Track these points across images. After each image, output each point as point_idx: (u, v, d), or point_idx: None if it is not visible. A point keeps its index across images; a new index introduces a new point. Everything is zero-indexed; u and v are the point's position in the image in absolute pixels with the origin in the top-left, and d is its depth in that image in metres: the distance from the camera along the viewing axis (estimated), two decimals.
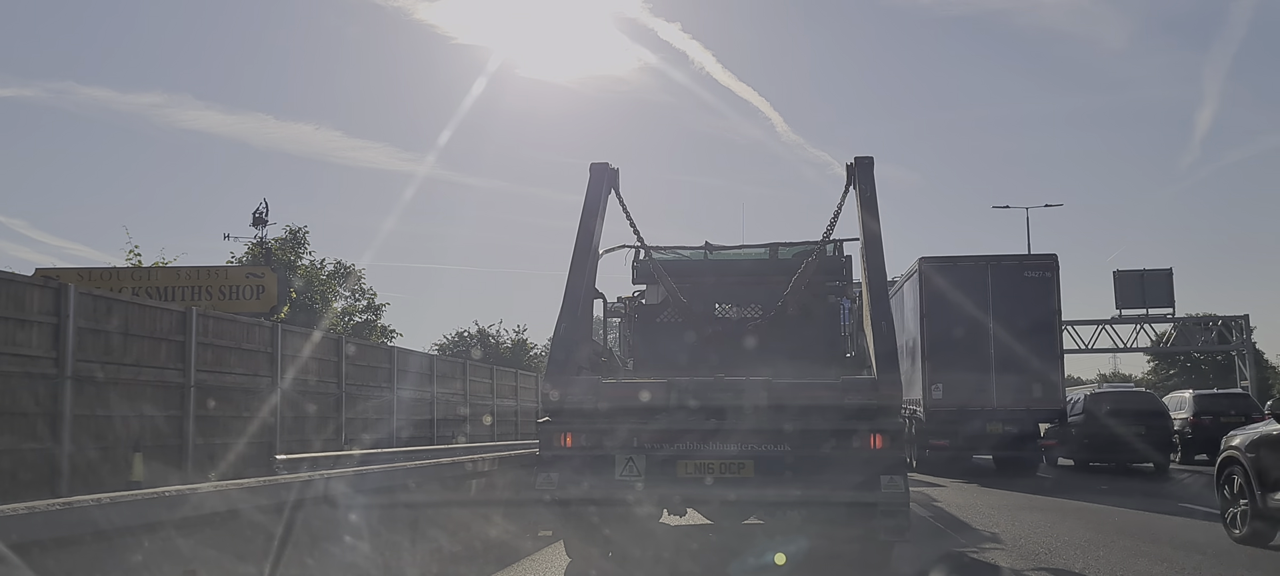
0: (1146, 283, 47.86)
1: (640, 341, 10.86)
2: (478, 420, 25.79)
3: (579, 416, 7.71)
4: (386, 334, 35.89)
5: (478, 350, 42.90)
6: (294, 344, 17.02)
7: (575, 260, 9.02)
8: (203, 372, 14.21)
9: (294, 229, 30.99)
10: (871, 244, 8.95)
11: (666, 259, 11.17)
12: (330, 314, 31.20)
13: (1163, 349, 57.42)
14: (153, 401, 13.17)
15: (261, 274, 21.25)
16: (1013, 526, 11.02)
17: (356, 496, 6.38)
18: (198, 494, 4.93)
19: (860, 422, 7.38)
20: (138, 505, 4.36)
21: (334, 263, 33.85)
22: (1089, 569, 8.06)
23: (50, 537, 3.83)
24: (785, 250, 11.30)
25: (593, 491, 7.54)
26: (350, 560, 6.21)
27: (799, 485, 7.35)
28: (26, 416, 11.10)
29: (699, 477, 7.44)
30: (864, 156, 9.73)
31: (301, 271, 30.19)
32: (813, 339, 10.31)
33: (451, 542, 7.89)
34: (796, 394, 7.59)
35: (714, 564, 8.73)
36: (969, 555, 9.10)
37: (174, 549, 4.53)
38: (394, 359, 21.54)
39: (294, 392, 16.75)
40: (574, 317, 8.64)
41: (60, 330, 11.58)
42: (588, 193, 9.65)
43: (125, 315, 12.89)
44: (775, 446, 7.39)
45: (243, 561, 5.09)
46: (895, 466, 7.36)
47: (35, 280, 12.39)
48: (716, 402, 7.46)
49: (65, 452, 11.44)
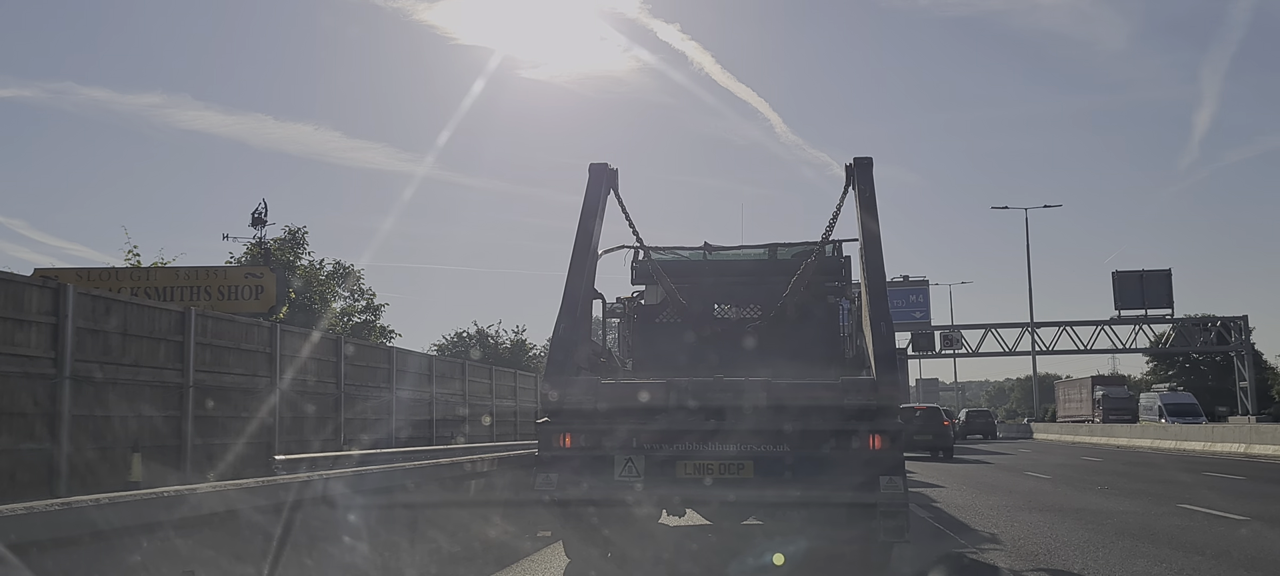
0: (1145, 283, 47.93)
1: (639, 342, 10.85)
2: (477, 420, 25.75)
3: (578, 417, 7.70)
4: (385, 334, 35.84)
5: (476, 350, 42.81)
6: (293, 344, 17.00)
7: (574, 260, 9.02)
8: (201, 373, 14.19)
9: (293, 229, 30.96)
10: (871, 244, 8.95)
11: (665, 259, 11.16)
12: (329, 314, 31.15)
13: (1162, 349, 57.44)
14: (151, 402, 13.15)
15: (260, 274, 21.22)
16: (1012, 527, 11.02)
17: (355, 497, 6.38)
18: (196, 494, 4.93)
19: (859, 423, 7.38)
20: (136, 505, 4.36)
21: (333, 263, 33.82)
22: (1088, 569, 8.05)
23: (49, 538, 3.83)
24: (784, 250, 11.29)
25: (592, 492, 7.53)
26: (349, 560, 6.20)
27: (798, 486, 7.34)
28: (25, 416, 11.07)
29: (698, 478, 7.44)
30: (863, 157, 9.73)
31: (300, 272, 30.15)
32: (812, 339, 10.30)
33: (450, 543, 7.88)
34: (796, 394, 7.58)
35: (713, 564, 8.73)
36: (968, 556, 9.10)
37: (172, 549, 4.52)
38: (393, 359, 21.51)
39: (293, 393, 16.72)
40: (573, 318, 8.64)
41: (59, 330, 11.56)
42: (587, 193, 9.65)
43: (124, 315, 12.87)
44: (774, 447, 7.38)
45: (241, 562, 5.09)
46: (895, 467, 7.36)
47: (34, 280, 12.37)
48: (716, 403, 7.45)
49: (64, 453, 11.42)
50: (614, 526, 8.14)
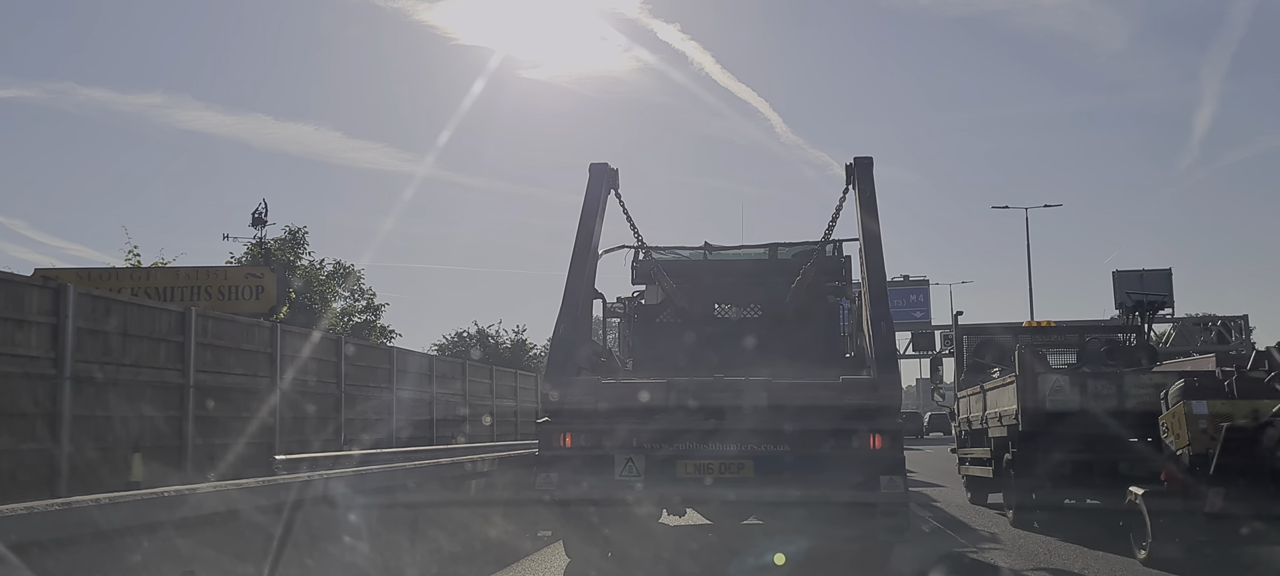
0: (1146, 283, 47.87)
1: (640, 342, 10.86)
2: (477, 420, 25.74)
3: (578, 416, 7.71)
4: (386, 334, 35.81)
5: (477, 350, 42.80)
6: (293, 344, 17.00)
7: (575, 260, 9.02)
8: (202, 373, 14.20)
9: (293, 229, 30.95)
10: (871, 244, 8.95)
11: (666, 259, 11.16)
12: (329, 314, 31.14)
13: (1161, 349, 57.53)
14: (152, 402, 13.15)
15: (261, 274, 21.23)
16: (1011, 526, 11.02)
17: (356, 496, 6.38)
18: (197, 494, 4.93)
19: (859, 423, 7.38)
20: (137, 505, 4.36)
21: (333, 263, 33.80)
22: (1088, 569, 8.06)
23: (50, 538, 3.83)
24: (784, 250, 11.29)
25: (592, 491, 7.54)
26: (349, 560, 6.21)
27: (798, 485, 7.35)
28: (25, 417, 11.08)
29: (698, 477, 7.44)
30: (863, 157, 9.73)
31: (301, 272, 30.15)
32: (812, 339, 10.31)
33: (451, 543, 7.89)
34: (796, 394, 7.59)
35: (713, 564, 8.73)
36: (968, 555, 9.10)
37: (173, 549, 4.53)
38: (393, 359, 21.50)
39: (293, 393, 16.72)
40: (573, 318, 8.64)
41: (59, 330, 11.56)
42: (587, 193, 9.65)
43: (124, 315, 12.87)
44: (774, 446, 7.38)
45: (242, 561, 5.09)
46: (894, 466, 7.36)
47: (34, 280, 12.37)
48: (716, 403, 7.45)
49: (64, 453, 11.42)
50: (614, 526, 8.14)
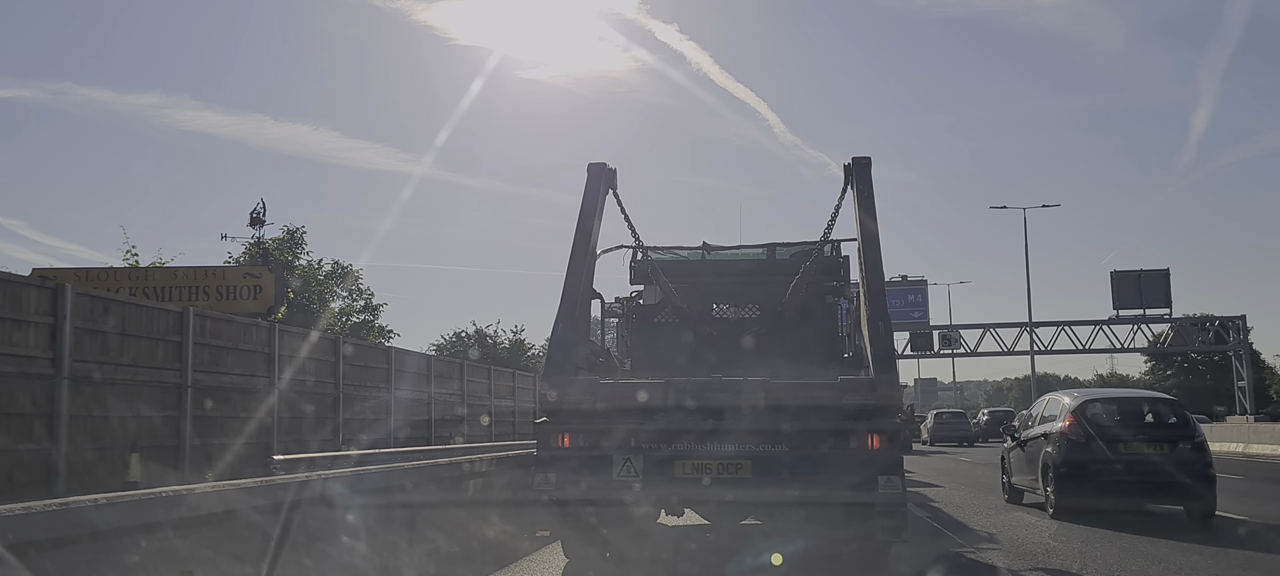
0: (1144, 283, 47.86)
1: (638, 342, 10.85)
2: (475, 420, 25.75)
3: (577, 417, 7.70)
4: (384, 334, 35.81)
5: (475, 350, 42.80)
6: (291, 344, 16.99)
7: (573, 260, 9.02)
8: (200, 373, 14.19)
9: (291, 229, 30.99)
10: (869, 244, 8.95)
11: (664, 259, 11.16)
12: (328, 314, 31.16)
13: (1160, 349, 57.50)
14: (150, 402, 13.15)
15: (259, 274, 21.22)
16: (1009, 526, 11.03)
17: (354, 497, 6.38)
18: (195, 494, 4.93)
19: (857, 423, 7.38)
20: (134, 506, 4.36)
21: (331, 263, 33.83)
22: (1086, 569, 8.06)
23: (47, 538, 3.82)
24: (783, 250, 11.29)
25: (590, 492, 7.53)
26: (347, 560, 6.20)
27: (796, 485, 7.34)
28: (23, 417, 11.07)
29: (696, 478, 7.44)
30: (862, 157, 9.73)
31: (299, 271, 30.16)
32: (810, 339, 10.30)
33: (449, 543, 7.88)
34: (794, 394, 7.58)
35: (712, 564, 8.72)
36: (966, 555, 9.10)
37: (171, 549, 4.52)
38: (391, 359, 21.50)
39: (291, 393, 16.72)
40: (572, 318, 8.64)
41: (57, 330, 11.55)
42: (585, 193, 9.65)
43: (122, 315, 12.86)
44: (773, 446, 7.38)
45: (240, 562, 5.08)
46: (893, 467, 7.35)
47: (32, 280, 12.36)
48: (714, 403, 7.45)
49: (62, 453, 11.41)
50: (612, 526, 8.14)
